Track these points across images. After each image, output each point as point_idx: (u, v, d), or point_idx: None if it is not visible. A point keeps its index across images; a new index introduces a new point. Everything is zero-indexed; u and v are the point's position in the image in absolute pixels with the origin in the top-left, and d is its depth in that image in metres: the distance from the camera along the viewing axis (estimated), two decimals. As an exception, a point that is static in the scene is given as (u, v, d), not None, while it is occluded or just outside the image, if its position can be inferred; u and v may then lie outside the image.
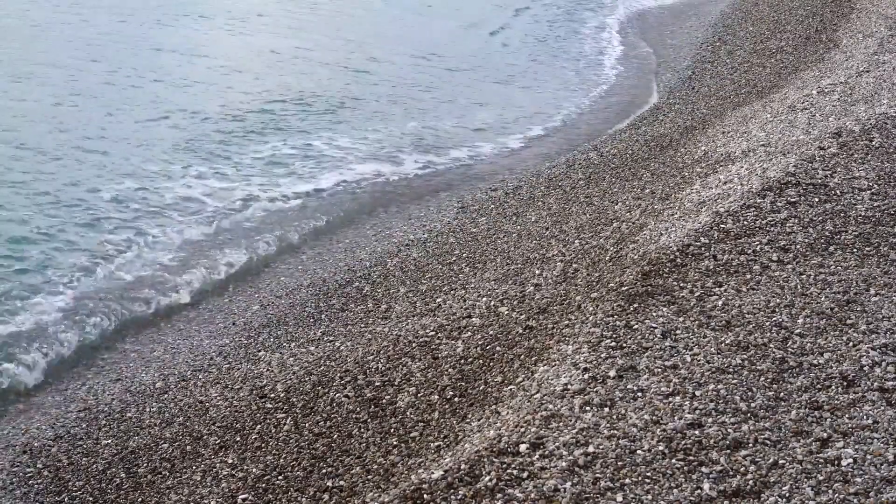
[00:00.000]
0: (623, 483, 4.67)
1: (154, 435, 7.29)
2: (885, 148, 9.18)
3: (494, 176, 13.43)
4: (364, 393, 7.00)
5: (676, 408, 5.23)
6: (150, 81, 16.57)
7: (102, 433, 7.42)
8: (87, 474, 6.94)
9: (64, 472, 7.00)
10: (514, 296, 7.98)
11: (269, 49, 19.47)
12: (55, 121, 14.21)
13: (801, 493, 4.60)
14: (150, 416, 7.58)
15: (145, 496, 6.61)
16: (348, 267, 10.20)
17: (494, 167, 14.06)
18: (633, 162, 12.04)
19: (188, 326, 9.40)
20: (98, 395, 8.04)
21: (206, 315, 9.64)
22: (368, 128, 15.34)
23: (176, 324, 9.48)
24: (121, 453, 7.13)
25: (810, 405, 5.27)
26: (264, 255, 11.02)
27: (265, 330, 8.93)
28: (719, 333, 6.01)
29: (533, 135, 15.64)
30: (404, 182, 13.50)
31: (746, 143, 10.47)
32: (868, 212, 7.75)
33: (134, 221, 11.43)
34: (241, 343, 8.73)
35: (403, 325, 8.12)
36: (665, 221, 8.31)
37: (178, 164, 13.19)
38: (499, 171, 13.71)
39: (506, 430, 5.24)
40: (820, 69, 14.27)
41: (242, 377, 7.92)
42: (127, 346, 9.07)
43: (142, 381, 8.22)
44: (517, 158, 14.50)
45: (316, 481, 6.14)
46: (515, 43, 21.68)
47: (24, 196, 11.64)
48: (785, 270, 6.84)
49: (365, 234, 11.55)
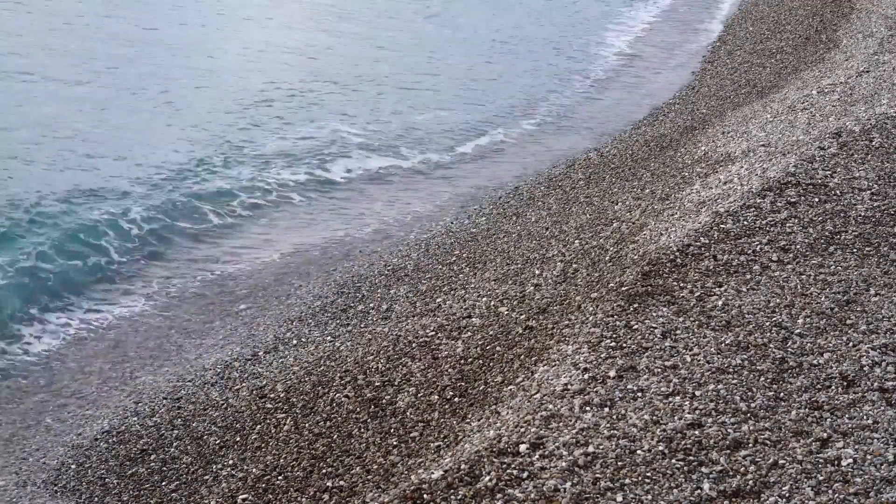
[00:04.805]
0: (623, 483, 4.67)
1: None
2: (885, 148, 9.19)
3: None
4: (364, 393, 7.00)
5: (676, 408, 5.23)
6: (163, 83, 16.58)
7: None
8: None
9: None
10: (514, 296, 7.98)
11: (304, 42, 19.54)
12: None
13: (801, 493, 4.60)
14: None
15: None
16: (349, 267, 10.20)
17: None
18: (633, 162, 12.03)
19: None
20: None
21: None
22: (371, 119, 15.34)
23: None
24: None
25: (810, 405, 5.27)
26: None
27: (269, 331, 8.93)
28: (719, 333, 6.01)
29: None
30: (408, 177, 13.50)
31: (746, 143, 10.47)
32: (868, 212, 7.75)
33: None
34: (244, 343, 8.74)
35: (403, 325, 8.12)
36: (665, 221, 8.31)
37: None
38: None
39: (506, 431, 5.24)
40: (820, 69, 14.27)
41: (240, 379, 7.92)
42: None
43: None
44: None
45: (316, 481, 6.14)
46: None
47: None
48: (785, 270, 6.84)
49: (366, 233, 11.55)
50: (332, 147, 14.30)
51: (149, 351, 8.94)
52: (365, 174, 13.47)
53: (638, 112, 16.38)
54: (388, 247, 10.67)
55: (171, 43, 18.76)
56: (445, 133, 15.34)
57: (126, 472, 6.95)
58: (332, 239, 11.51)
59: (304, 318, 8.97)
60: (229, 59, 18.33)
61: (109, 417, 7.66)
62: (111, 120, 14.43)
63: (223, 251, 11.07)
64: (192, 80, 16.70)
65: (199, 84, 16.59)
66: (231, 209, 11.97)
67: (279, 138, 14.57)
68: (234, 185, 12.57)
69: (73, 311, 9.49)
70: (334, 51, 19.71)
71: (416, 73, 18.52)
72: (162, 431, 7.33)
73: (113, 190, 12.01)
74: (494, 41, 21.55)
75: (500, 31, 22.51)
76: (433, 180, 13.58)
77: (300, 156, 13.82)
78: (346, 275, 9.92)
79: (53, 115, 14.11)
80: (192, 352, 8.80)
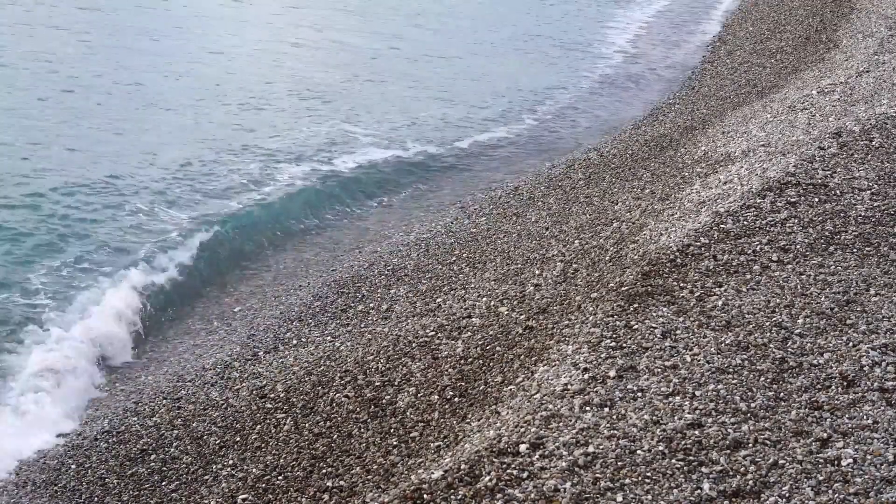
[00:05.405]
0: (623, 483, 4.67)
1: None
2: (885, 148, 9.18)
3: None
4: (364, 393, 7.00)
5: (676, 408, 5.23)
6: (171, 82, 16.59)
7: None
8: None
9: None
10: (514, 296, 7.98)
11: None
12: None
13: (801, 493, 4.60)
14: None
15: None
16: (349, 267, 10.20)
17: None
18: (633, 162, 12.03)
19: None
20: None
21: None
22: (375, 115, 15.35)
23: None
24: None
25: (810, 405, 5.27)
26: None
27: (269, 331, 8.93)
28: (719, 333, 6.00)
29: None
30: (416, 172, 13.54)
31: (746, 143, 10.47)
32: (868, 212, 7.75)
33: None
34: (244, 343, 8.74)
35: (403, 325, 8.12)
36: (665, 221, 8.31)
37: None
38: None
39: (506, 431, 5.24)
40: (820, 69, 14.27)
41: (240, 378, 7.92)
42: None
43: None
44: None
45: (316, 481, 6.14)
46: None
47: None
48: (785, 270, 6.84)
49: (366, 233, 11.55)
50: (336, 144, 14.27)
51: (149, 351, 8.96)
52: (366, 173, 13.46)
53: (638, 111, 16.39)
54: (388, 247, 10.66)
55: (171, 44, 18.77)
56: (447, 130, 15.33)
57: (126, 472, 6.95)
58: (332, 239, 11.52)
59: (304, 318, 8.97)
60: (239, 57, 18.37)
61: (109, 417, 7.66)
62: (121, 117, 14.45)
63: (224, 251, 11.07)
64: (198, 81, 16.72)
65: (204, 84, 16.61)
66: (232, 209, 11.95)
67: (282, 135, 14.55)
68: (234, 184, 12.57)
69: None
70: (338, 50, 19.72)
71: (417, 72, 18.52)
72: (162, 431, 7.33)
73: (114, 184, 12.01)
74: (495, 41, 21.56)
75: (501, 31, 22.52)
76: (434, 180, 13.58)
77: (302, 152, 13.80)
78: (346, 275, 9.91)
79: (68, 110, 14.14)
80: (192, 352, 8.80)
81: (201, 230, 11.28)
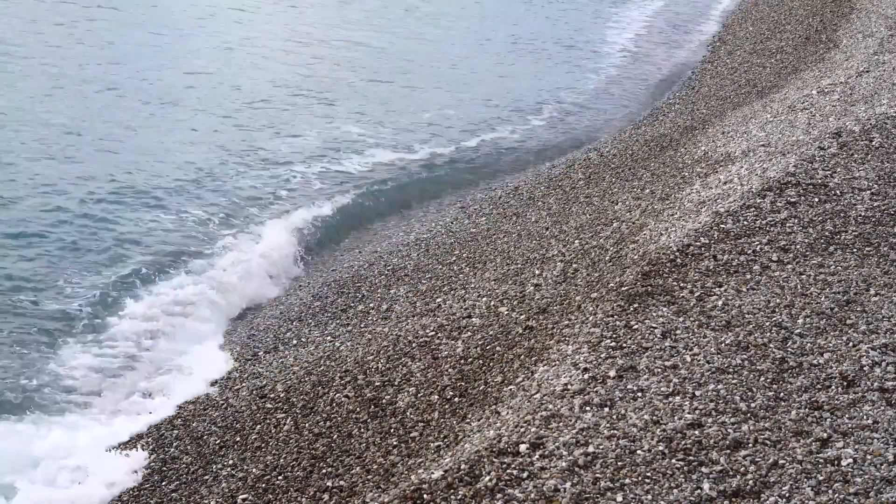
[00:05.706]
0: (623, 483, 4.67)
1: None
2: (885, 148, 9.18)
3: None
4: (364, 393, 7.00)
5: (676, 408, 5.23)
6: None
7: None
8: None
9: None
10: (514, 296, 7.98)
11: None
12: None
13: (801, 493, 4.60)
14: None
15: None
16: (349, 267, 10.20)
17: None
18: (633, 162, 12.03)
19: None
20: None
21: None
22: (384, 117, 15.35)
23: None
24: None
25: (810, 405, 5.27)
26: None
27: (269, 331, 8.93)
28: (719, 333, 6.01)
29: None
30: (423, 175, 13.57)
31: (746, 143, 10.47)
32: (868, 212, 7.75)
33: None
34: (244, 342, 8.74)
35: (403, 325, 8.12)
36: (665, 221, 8.31)
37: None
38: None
39: (506, 431, 5.24)
40: (820, 69, 14.27)
41: (241, 379, 7.92)
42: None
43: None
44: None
45: (316, 481, 6.14)
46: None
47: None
48: (785, 270, 6.84)
49: (366, 233, 11.55)
50: (341, 145, 14.25)
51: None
52: (368, 172, 13.44)
53: (638, 111, 16.39)
54: (388, 247, 10.66)
55: (172, 45, 18.76)
56: (450, 130, 15.32)
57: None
58: (331, 238, 11.51)
59: (304, 318, 8.97)
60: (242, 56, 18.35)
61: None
62: (128, 122, 14.43)
63: (224, 251, 11.06)
64: (201, 82, 16.70)
65: (206, 85, 16.60)
66: (233, 208, 11.94)
67: (285, 137, 14.54)
68: (234, 184, 12.55)
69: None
70: (338, 50, 19.71)
71: (418, 71, 18.52)
72: (162, 431, 7.33)
73: (123, 190, 12.00)
74: (495, 41, 21.55)
75: (500, 31, 22.51)
76: (434, 180, 13.56)
77: (303, 153, 13.78)
78: (345, 275, 9.91)
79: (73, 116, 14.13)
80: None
81: (202, 230, 11.28)
